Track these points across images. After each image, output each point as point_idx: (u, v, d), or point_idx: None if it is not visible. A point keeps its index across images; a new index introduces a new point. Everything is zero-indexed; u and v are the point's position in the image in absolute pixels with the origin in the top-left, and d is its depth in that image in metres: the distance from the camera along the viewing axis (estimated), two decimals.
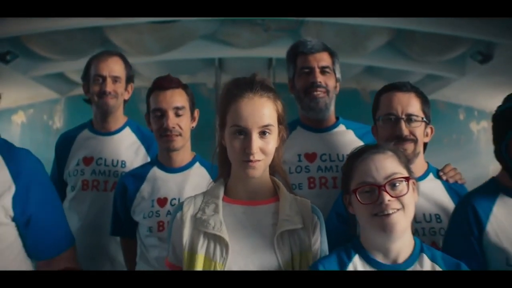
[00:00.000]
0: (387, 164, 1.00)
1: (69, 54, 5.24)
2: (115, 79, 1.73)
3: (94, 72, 1.73)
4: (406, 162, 1.05)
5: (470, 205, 1.14)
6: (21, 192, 1.19)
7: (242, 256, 1.04)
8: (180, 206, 1.11)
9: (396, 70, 6.72)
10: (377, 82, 9.96)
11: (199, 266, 1.04)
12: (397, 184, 0.98)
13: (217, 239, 1.04)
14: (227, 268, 1.04)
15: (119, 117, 1.80)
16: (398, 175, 0.99)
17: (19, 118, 11.14)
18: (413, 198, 1.01)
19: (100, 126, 1.79)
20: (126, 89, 1.79)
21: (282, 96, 1.56)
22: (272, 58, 6.17)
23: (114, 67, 1.73)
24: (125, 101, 1.83)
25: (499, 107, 1.20)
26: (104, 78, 1.71)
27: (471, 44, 4.87)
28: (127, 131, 1.81)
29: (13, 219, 1.19)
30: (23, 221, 1.21)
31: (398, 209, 0.97)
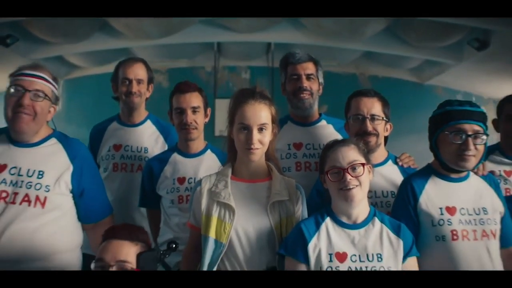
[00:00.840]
0: (350, 154, 1.47)
1: (68, 37, 5.39)
2: (139, 81, 2.19)
3: (122, 76, 2.19)
4: (365, 152, 1.52)
5: (409, 183, 1.62)
6: (77, 171, 1.68)
7: (244, 219, 1.52)
8: (199, 182, 1.59)
9: (394, 55, 6.85)
10: (375, 67, 10.29)
11: (213, 226, 1.51)
12: (356, 168, 1.45)
13: (227, 206, 1.52)
14: (233, 227, 1.51)
15: (142, 112, 2.28)
16: (357, 161, 1.46)
17: None
18: (368, 178, 1.48)
19: (127, 119, 2.26)
20: (147, 89, 2.25)
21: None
22: (271, 43, 6.38)
23: (139, 72, 2.19)
24: (146, 99, 2.28)
25: (434, 111, 1.66)
26: (130, 81, 2.18)
27: (469, 31, 5.05)
28: (149, 123, 2.29)
29: (71, 191, 1.68)
30: (78, 192, 1.69)
31: (356, 185, 1.44)
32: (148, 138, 2.24)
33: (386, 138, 1.87)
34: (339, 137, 1.92)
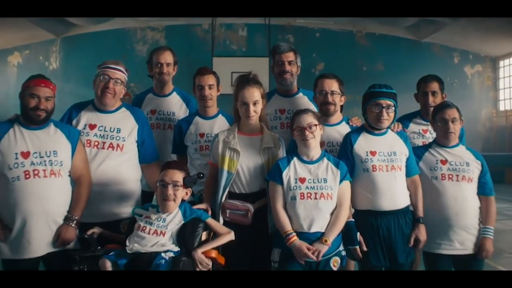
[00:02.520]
0: (308, 118, 2.63)
1: None
2: (168, 65, 3.35)
3: (155, 61, 3.35)
4: (318, 117, 2.69)
5: (349, 136, 2.81)
6: (140, 128, 2.87)
7: (246, 158, 2.71)
8: (217, 135, 2.79)
9: None
10: (372, 25, 11.35)
11: (226, 162, 2.70)
12: (312, 127, 2.62)
13: (235, 150, 2.71)
14: (239, 163, 2.69)
15: (170, 86, 3.46)
16: (313, 123, 2.62)
17: (15, 59, 12.46)
18: (319, 133, 2.65)
19: (159, 91, 3.44)
20: (173, 69, 3.40)
21: None
22: None
23: (167, 57, 3.35)
24: (172, 76, 3.43)
25: (365, 91, 2.81)
26: (161, 64, 3.34)
27: None
28: (174, 94, 3.48)
29: (136, 141, 2.88)
30: (140, 142, 2.90)
31: (311, 138, 2.61)
32: (175, 105, 3.44)
33: (341, 106, 3.04)
34: (311, 105, 3.09)
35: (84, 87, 10.11)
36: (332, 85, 2.96)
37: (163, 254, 2.35)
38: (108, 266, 2.32)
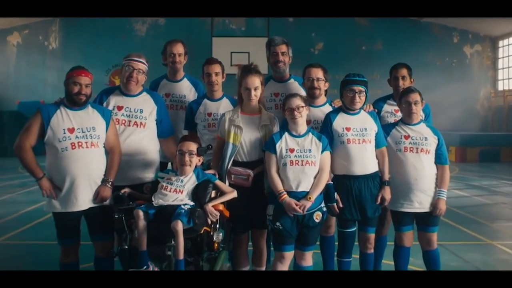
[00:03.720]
0: (297, 101, 3.53)
1: None
2: (180, 55, 4.25)
3: (169, 51, 4.26)
4: (305, 100, 3.59)
5: (329, 115, 3.73)
6: (159, 109, 3.80)
7: (247, 133, 3.63)
8: (223, 114, 3.71)
9: None
10: None
11: (231, 136, 3.62)
12: (300, 108, 3.52)
13: (238, 127, 3.63)
14: (242, 137, 3.60)
15: (181, 73, 4.39)
16: (300, 105, 3.52)
17: (14, 38, 13.24)
18: (306, 113, 3.55)
19: (172, 77, 4.37)
20: (184, 58, 4.28)
21: None
22: None
23: (179, 49, 4.25)
24: (183, 65, 4.31)
25: (342, 79, 3.69)
26: (174, 55, 4.23)
27: None
28: (185, 79, 4.41)
29: (155, 120, 3.80)
30: (159, 120, 3.83)
31: (299, 117, 3.52)
32: (185, 89, 4.37)
33: (326, 91, 3.93)
34: (301, 90, 3.99)
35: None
36: (318, 73, 3.85)
37: (182, 206, 3.28)
38: (141, 214, 3.24)
